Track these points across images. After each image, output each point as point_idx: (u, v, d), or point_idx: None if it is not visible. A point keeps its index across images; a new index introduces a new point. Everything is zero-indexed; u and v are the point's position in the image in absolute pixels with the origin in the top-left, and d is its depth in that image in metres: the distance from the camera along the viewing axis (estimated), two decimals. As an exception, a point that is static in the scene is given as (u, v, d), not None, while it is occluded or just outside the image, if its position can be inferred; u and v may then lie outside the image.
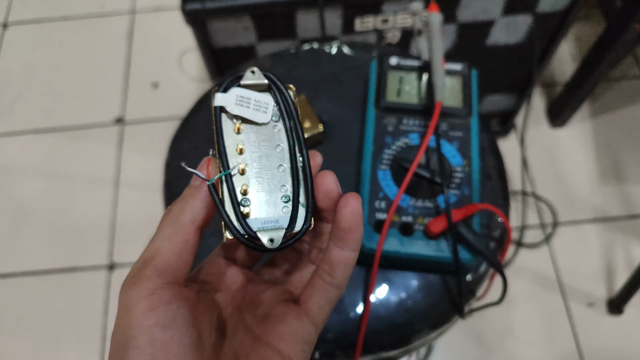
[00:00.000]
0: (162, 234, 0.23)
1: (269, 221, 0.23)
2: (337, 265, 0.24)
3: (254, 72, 0.24)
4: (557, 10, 0.74)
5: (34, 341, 0.95)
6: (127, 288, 0.22)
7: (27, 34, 1.31)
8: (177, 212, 0.24)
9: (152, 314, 0.21)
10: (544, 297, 0.95)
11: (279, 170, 0.24)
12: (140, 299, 0.21)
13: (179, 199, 0.24)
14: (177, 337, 0.21)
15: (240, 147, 0.23)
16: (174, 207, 0.24)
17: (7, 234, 1.05)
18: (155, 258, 0.23)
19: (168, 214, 0.24)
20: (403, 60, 0.48)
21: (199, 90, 1.20)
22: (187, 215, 0.23)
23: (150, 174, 1.09)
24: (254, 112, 0.24)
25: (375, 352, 0.42)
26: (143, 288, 0.22)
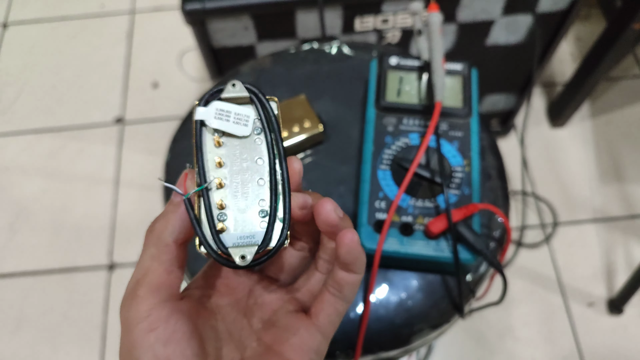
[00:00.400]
0: (148, 253, 0.24)
1: (245, 237, 0.23)
2: (344, 285, 0.25)
3: (234, 85, 0.24)
4: (557, 10, 0.74)
5: (33, 341, 0.95)
6: (126, 308, 0.23)
7: (27, 34, 1.31)
8: (158, 230, 0.24)
9: (152, 332, 0.22)
10: (544, 297, 0.95)
11: (258, 184, 0.23)
12: (139, 320, 0.22)
13: (161, 215, 0.24)
14: (179, 351, 0.22)
15: (219, 161, 0.23)
16: (156, 224, 0.24)
17: (7, 234, 1.05)
18: (146, 277, 0.23)
19: (151, 232, 0.24)
20: (403, 60, 0.48)
21: (199, 90, 1.20)
22: (168, 234, 0.23)
23: (150, 174, 1.09)
24: (234, 125, 0.23)
25: (375, 352, 0.42)
26: (140, 309, 0.22)
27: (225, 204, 0.23)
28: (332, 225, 0.24)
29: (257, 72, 0.55)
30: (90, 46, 1.29)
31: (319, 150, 0.50)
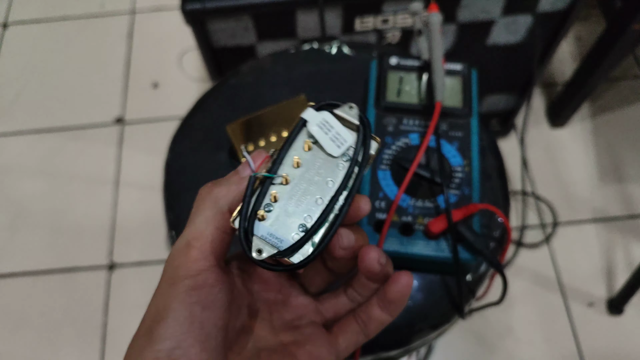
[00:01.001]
0: (204, 215, 0.24)
1: (274, 236, 0.23)
2: (373, 322, 0.26)
3: (351, 108, 0.24)
4: (557, 10, 0.74)
5: (34, 341, 0.95)
6: (176, 261, 0.23)
7: (27, 34, 1.31)
8: (217, 195, 0.24)
9: (195, 292, 0.22)
10: (544, 297, 0.95)
11: (316, 202, 0.24)
12: (187, 276, 0.22)
13: (221, 182, 0.24)
14: (213, 319, 0.22)
15: (297, 161, 0.24)
16: (215, 189, 0.24)
17: (7, 234, 1.05)
18: (201, 238, 0.23)
19: (208, 194, 0.24)
20: (403, 60, 0.48)
21: (199, 90, 1.20)
22: (225, 202, 0.24)
23: (150, 174, 1.09)
24: (329, 141, 0.24)
25: (375, 352, 0.42)
26: (190, 266, 0.23)
27: (278, 199, 0.23)
28: (373, 273, 0.25)
29: (257, 72, 0.55)
30: (90, 46, 1.29)
31: (319, 150, 0.49)
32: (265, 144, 0.47)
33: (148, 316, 0.23)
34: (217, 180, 0.25)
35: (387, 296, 0.25)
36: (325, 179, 0.24)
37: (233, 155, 0.49)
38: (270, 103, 0.51)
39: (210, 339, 0.22)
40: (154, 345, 0.21)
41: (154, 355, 0.21)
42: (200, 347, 0.22)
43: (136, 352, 0.22)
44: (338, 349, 0.26)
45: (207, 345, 0.22)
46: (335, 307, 0.28)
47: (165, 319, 0.22)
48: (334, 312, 0.28)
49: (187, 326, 0.22)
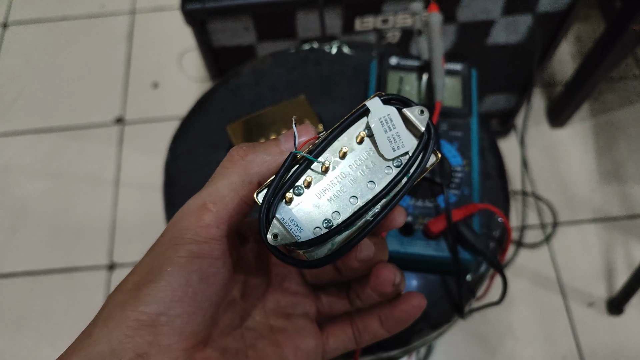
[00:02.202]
0: (230, 180, 0.21)
1: (294, 224, 0.21)
2: (369, 334, 0.25)
3: (422, 112, 0.21)
4: (557, 10, 0.74)
5: (34, 341, 0.95)
6: (182, 225, 0.21)
7: (27, 34, 1.31)
8: (249, 164, 0.22)
9: (197, 260, 0.20)
10: (544, 297, 0.95)
11: (350, 201, 0.21)
12: (192, 242, 0.21)
13: (259, 148, 0.22)
14: (208, 293, 0.21)
15: (344, 152, 0.21)
16: (249, 156, 0.22)
17: (7, 234, 1.05)
18: (217, 204, 0.21)
19: (241, 160, 0.22)
20: (403, 60, 0.48)
21: (199, 90, 1.20)
22: (256, 173, 0.22)
23: (150, 174, 1.09)
24: (385, 140, 0.21)
25: (375, 352, 0.42)
26: (199, 233, 0.21)
27: (311, 185, 0.21)
28: (384, 294, 0.24)
29: (257, 72, 0.55)
30: (90, 46, 1.29)
31: (319, 150, 0.49)
32: (265, 144, 0.47)
33: (138, 272, 0.21)
34: (253, 144, 0.22)
35: (394, 314, 0.24)
36: (368, 180, 0.21)
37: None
38: (270, 103, 0.51)
39: (199, 312, 0.21)
40: (138, 306, 0.19)
41: (136, 316, 0.19)
42: (188, 318, 0.20)
43: (117, 308, 0.20)
44: (326, 350, 0.25)
45: (194, 318, 0.20)
46: (333, 305, 0.27)
47: (157, 281, 0.20)
48: (329, 309, 0.27)
49: (179, 294, 0.20)
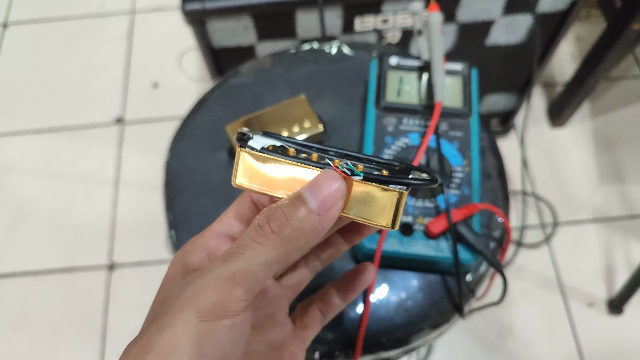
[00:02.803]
0: (266, 258, 0.20)
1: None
2: (331, 310, 0.29)
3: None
4: (557, 10, 0.74)
5: (34, 341, 0.95)
6: (210, 291, 0.19)
7: (27, 34, 1.31)
8: (288, 241, 0.20)
9: (230, 333, 0.19)
10: (544, 297, 0.95)
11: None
12: (224, 317, 0.19)
13: (292, 218, 0.20)
14: (239, 354, 0.20)
15: None
16: (287, 230, 0.20)
17: (7, 234, 1.05)
18: (248, 279, 0.20)
19: (276, 236, 0.20)
20: (403, 60, 0.48)
21: (199, 90, 1.20)
22: (296, 248, 0.20)
23: (150, 174, 1.09)
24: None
25: (375, 352, 0.42)
26: (230, 308, 0.19)
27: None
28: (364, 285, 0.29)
29: (257, 72, 0.55)
30: (90, 46, 1.29)
31: (319, 150, 0.49)
32: (265, 144, 0.47)
33: (157, 350, 0.18)
34: (281, 209, 0.20)
35: (354, 286, 0.28)
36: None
37: (233, 155, 0.49)
38: (270, 103, 0.51)
39: None
40: None
41: None
42: None
43: None
44: (306, 345, 0.28)
45: None
46: (296, 283, 0.28)
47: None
48: (295, 287, 0.29)
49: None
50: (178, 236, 0.46)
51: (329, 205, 0.20)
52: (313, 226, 0.20)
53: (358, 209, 0.21)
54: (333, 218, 0.20)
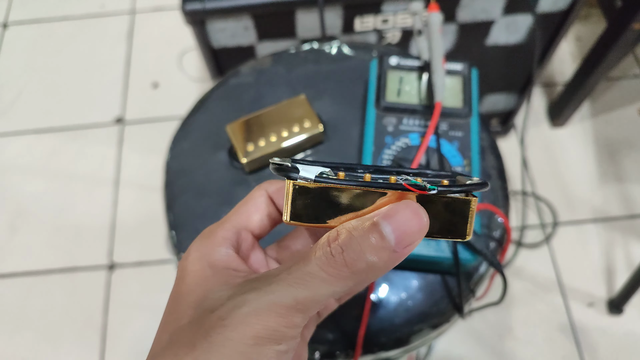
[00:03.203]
0: (333, 289, 0.19)
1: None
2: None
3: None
4: (557, 10, 0.74)
5: (34, 341, 0.95)
6: (263, 317, 0.19)
7: (27, 34, 1.31)
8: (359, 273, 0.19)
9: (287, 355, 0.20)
10: (544, 297, 0.95)
11: None
12: (282, 342, 0.19)
13: (366, 249, 0.18)
14: None
15: None
16: (359, 264, 0.19)
17: (7, 234, 1.05)
18: (311, 309, 0.20)
19: (349, 269, 0.19)
20: (403, 60, 0.48)
21: (199, 90, 1.20)
22: (365, 279, 0.20)
23: (150, 174, 1.09)
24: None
25: (375, 352, 0.42)
26: (287, 333, 0.19)
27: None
28: None
29: (257, 72, 0.55)
30: (90, 46, 1.29)
31: (319, 150, 0.50)
32: (265, 144, 0.47)
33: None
34: (354, 237, 0.19)
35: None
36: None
37: (233, 155, 0.49)
38: (270, 103, 0.51)
39: None
40: None
41: None
42: None
43: None
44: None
45: None
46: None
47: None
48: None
49: None
50: (178, 236, 0.47)
51: (408, 242, 0.18)
52: (387, 263, 0.19)
53: (432, 226, 0.20)
54: (408, 253, 0.19)
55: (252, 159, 0.47)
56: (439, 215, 0.20)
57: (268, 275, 0.20)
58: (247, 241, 0.25)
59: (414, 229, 0.18)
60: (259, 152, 0.47)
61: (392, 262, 0.19)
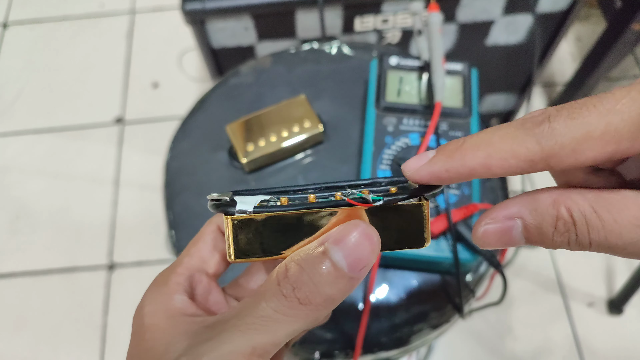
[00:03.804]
0: (292, 328, 0.18)
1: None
2: None
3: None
4: (557, 10, 0.74)
5: (33, 341, 0.95)
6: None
7: (27, 34, 1.31)
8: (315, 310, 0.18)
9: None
10: (544, 297, 0.95)
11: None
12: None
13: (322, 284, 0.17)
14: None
15: None
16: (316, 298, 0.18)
17: (7, 234, 1.05)
18: (269, 352, 0.18)
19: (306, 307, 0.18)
20: (403, 60, 0.48)
21: (199, 90, 1.20)
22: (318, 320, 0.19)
23: (150, 174, 1.09)
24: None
25: (375, 352, 0.42)
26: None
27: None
28: None
29: (257, 72, 0.55)
30: (90, 46, 1.29)
31: (319, 150, 0.50)
32: (265, 144, 0.47)
33: None
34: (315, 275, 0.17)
35: None
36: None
37: (233, 155, 0.49)
38: (270, 103, 0.51)
39: None
40: None
41: None
42: None
43: None
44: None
45: None
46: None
47: None
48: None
49: None
50: (178, 236, 0.47)
51: (362, 265, 0.17)
52: (345, 291, 0.18)
53: (386, 239, 0.19)
54: (365, 274, 0.18)
55: (252, 159, 0.47)
56: (394, 225, 0.19)
57: (221, 321, 0.19)
58: (202, 283, 0.23)
59: (365, 252, 0.17)
60: (259, 152, 0.47)
61: (350, 288, 0.18)
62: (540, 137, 0.16)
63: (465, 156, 0.17)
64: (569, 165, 0.16)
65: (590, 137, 0.15)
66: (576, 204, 0.17)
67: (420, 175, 0.18)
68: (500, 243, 0.18)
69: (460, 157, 0.17)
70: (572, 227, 0.16)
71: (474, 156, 0.17)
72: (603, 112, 0.15)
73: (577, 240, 0.17)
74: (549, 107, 0.17)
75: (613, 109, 0.15)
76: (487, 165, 0.17)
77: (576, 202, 0.17)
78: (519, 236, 0.18)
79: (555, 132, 0.16)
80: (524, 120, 0.17)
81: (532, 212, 0.17)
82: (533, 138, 0.16)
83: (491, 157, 0.16)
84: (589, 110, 0.16)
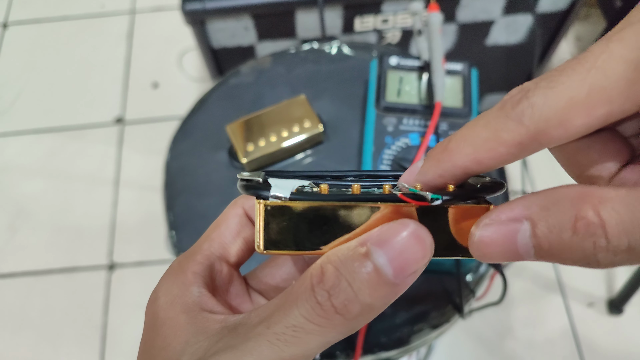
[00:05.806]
0: (326, 340, 0.16)
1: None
2: None
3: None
4: (557, 10, 0.74)
5: (34, 341, 0.95)
6: None
7: (27, 34, 1.31)
8: (352, 320, 0.16)
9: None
10: (544, 297, 0.95)
11: None
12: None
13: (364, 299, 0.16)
14: None
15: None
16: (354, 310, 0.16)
17: (7, 234, 1.05)
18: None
19: (341, 317, 0.16)
20: (403, 60, 0.48)
21: (199, 90, 1.20)
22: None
23: (150, 174, 1.09)
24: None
25: (375, 352, 0.42)
26: None
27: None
28: None
29: (257, 72, 0.55)
30: (90, 46, 1.29)
31: (319, 150, 0.50)
32: (265, 144, 0.47)
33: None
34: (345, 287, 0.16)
35: None
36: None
37: (233, 155, 0.49)
38: (270, 103, 0.51)
39: None
40: None
41: None
42: None
43: None
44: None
45: None
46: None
47: None
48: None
49: None
50: (178, 236, 0.47)
51: (410, 271, 0.16)
52: (387, 300, 0.16)
53: (440, 244, 0.16)
54: (412, 282, 0.16)
55: (252, 159, 0.47)
56: (447, 228, 0.16)
57: (245, 325, 0.17)
58: (223, 273, 0.21)
59: (415, 257, 0.15)
60: (259, 152, 0.47)
61: (393, 296, 0.16)
62: (522, 116, 0.14)
63: (453, 156, 0.16)
64: (561, 139, 0.14)
65: (575, 103, 0.14)
66: (605, 200, 0.13)
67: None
68: (502, 253, 0.15)
69: (449, 158, 0.16)
70: (600, 230, 0.13)
71: (462, 154, 0.15)
72: (583, 72, 0.14)
73: (608, 247, 0.13)
74: (526, 82, 0.15)
75: (593, 66, 0.14)
76: (477, 160, 0.15)
77: (605, 199, 0.13)
78: (526, 244, 0.14)
79: (536, 107, 0.14)
80: (503, 102, 0.15)
81: (543, 209, 0.14)
82: (515, 119, 0.14)
83: (479, 150, 0.15)
84: (568, 74, 0.14)
